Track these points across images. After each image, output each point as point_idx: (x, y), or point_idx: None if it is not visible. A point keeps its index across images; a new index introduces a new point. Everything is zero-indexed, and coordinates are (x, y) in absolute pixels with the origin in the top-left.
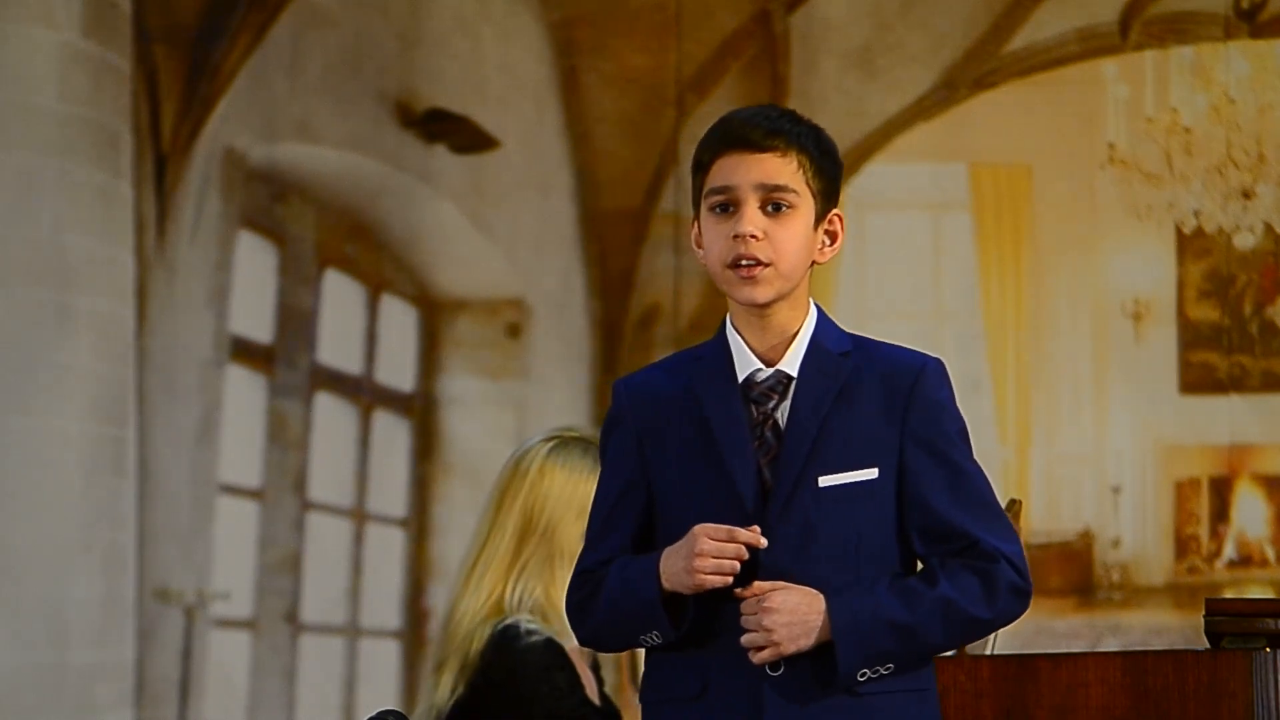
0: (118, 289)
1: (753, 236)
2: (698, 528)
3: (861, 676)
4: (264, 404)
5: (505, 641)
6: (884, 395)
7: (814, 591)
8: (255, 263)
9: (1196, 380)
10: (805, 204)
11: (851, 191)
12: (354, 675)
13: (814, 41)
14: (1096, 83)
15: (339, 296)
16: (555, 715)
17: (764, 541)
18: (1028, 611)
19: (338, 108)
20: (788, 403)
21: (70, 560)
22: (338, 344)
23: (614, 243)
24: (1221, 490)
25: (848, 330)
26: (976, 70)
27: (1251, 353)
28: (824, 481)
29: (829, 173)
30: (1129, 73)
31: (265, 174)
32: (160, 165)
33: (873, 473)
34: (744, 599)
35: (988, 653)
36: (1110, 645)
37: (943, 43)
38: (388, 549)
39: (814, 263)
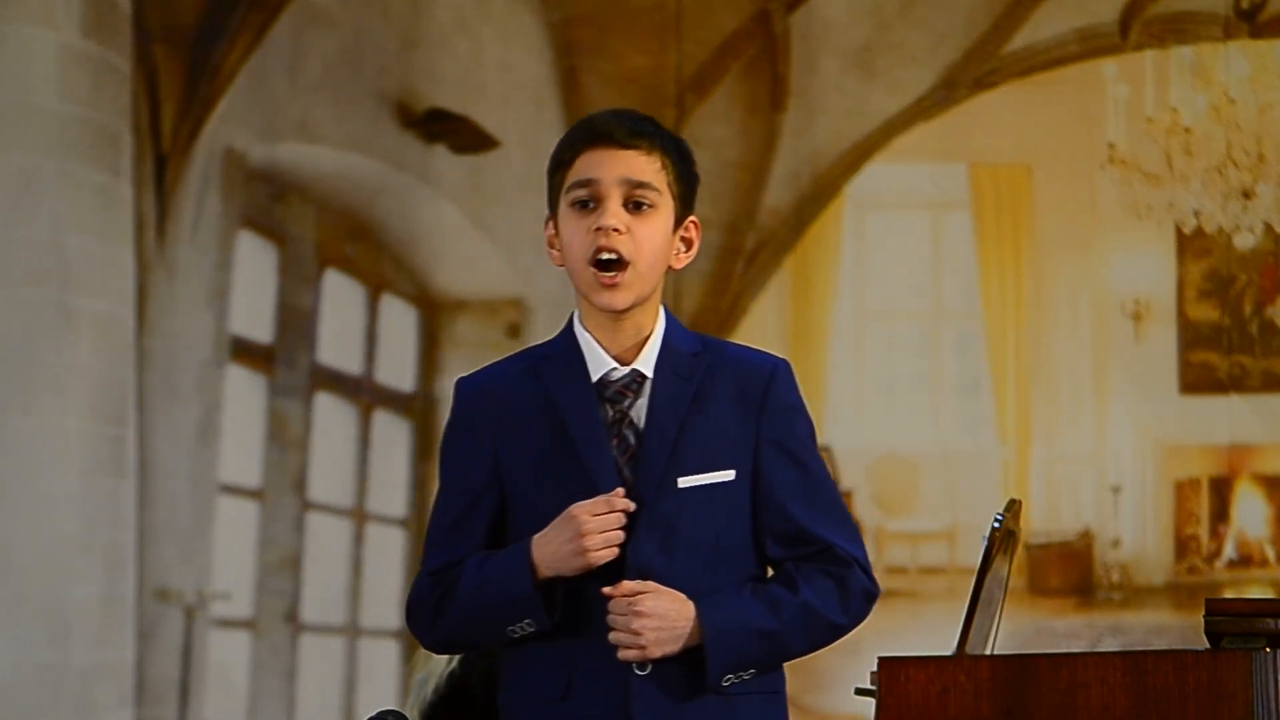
0: (118, 289)
1: (615, 230)
2: (573, 507)
3: (726, 681)
4: (264, 404)
5: None
6: (738, 397)
7: (683, 598)
8: (255, 263)
9: (1196, 380)
10: (666, 205)
11: (851, 191)
12: (354, 675)
13: (814, 41)
14: (1096, 83)
15: (339, 296)
16: None
17: (632, 505)
18: (1028, 611)
19: (338, 108)
20: (643, 401)
21: (70, 560)
22: (338, 344)
23: None
24: (1221, 490)
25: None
26: (976, 70)
27: (1251, 353)
28: (683, 483)
29: (688, 179)
30: (1129, 73)
31: (265, 174)
32: (160, 165)
33: (730, 474)
34: (612, 597)
35: (987, 653)
36: (1110, 645)
37: (943, 43)
38: (388, 549)
39: (670, 267)
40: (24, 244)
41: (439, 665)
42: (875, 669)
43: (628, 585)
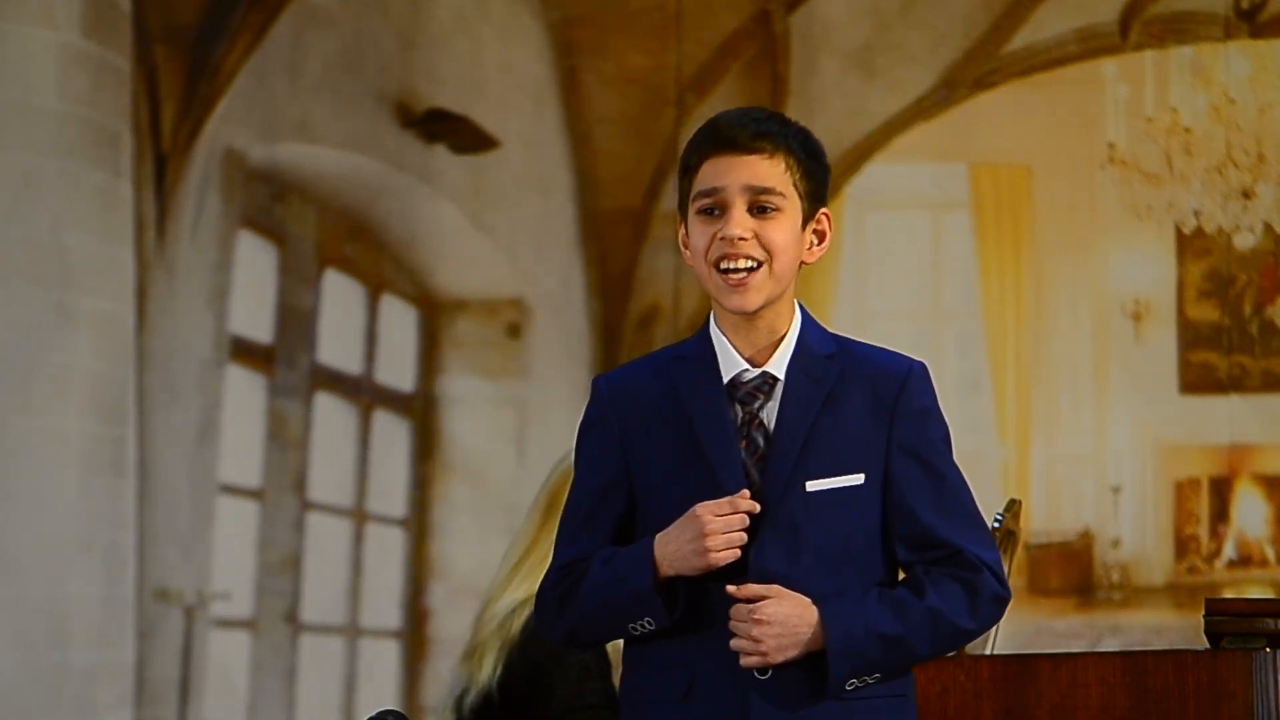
0: (118, 289)
1: (741, 239)
2: (697, 507)
3: (850, 686)
4: (264, 404)
5: None
6: (870, 400)
7: (806, 602)
8: (255, 263)
9: (1196, 380)
10: (792, 206)
11: (851, 191)
12: (354, 675)
13: (814, 41)
14: (1096, 83)
15: (339, 296)
16: (580, 696)
17: (757, 506)
18: (1028, 611)
19: (338, 108)
20: (773, 403)
21: (70, 560)
22: (338, 344)
23: (614, 243)
24: (1221, 490)
25: (834, 330)
26: (976, 70)
27: (1251, 353)
28: (811, 486)
29: (816, 175)
30: (1129, 73)
31: (265, 174)
32: (160, 165)
33: (859, 478)
34: (736, 599)
35: (988, 653)
36: (1110, 645)
37: (943, 43)
38: (388, 549)
39: (802, 263)
40: (24, 244)
41: (482, 675)
42: None
43: (750, 589)
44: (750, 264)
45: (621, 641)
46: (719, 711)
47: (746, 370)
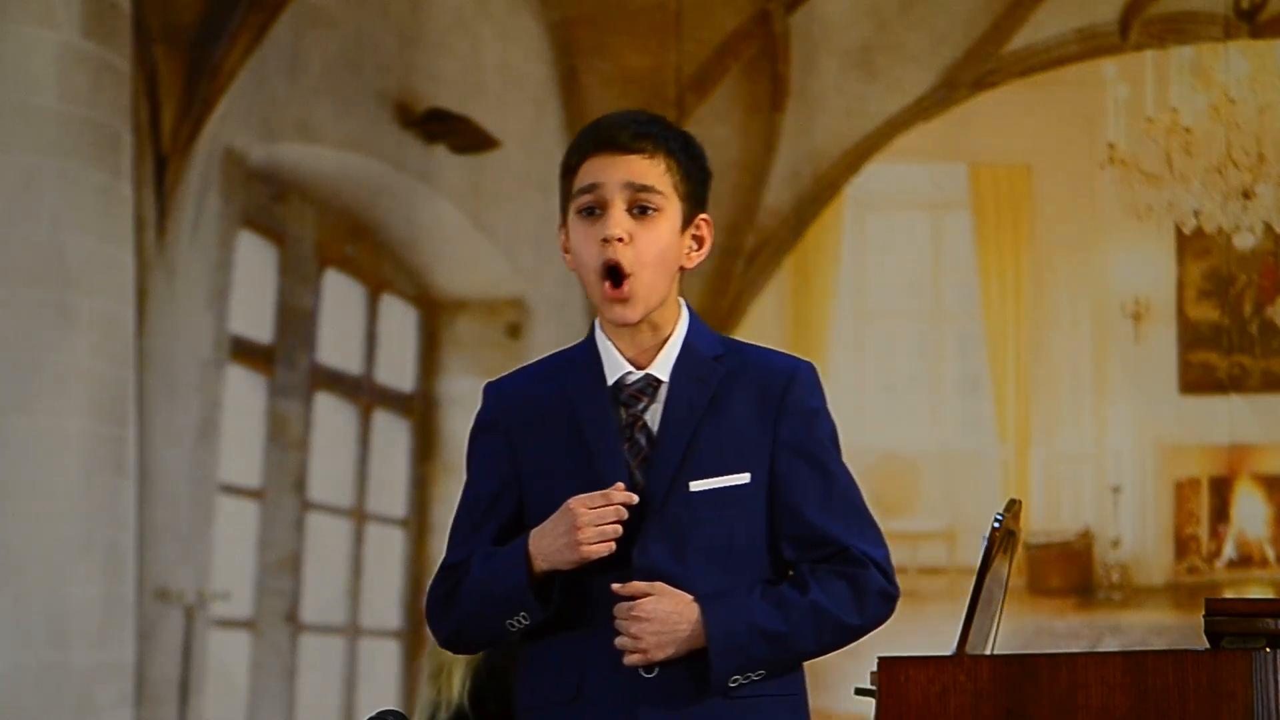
0: (118, 289)
1: (619, 240)
2: (570, 500)
3: (733, 683)
4: (264, 404)
5: None
6: (756, 401)
7: (687, 599)
8: (255, 263)
9: (1196, 380)
10: (672, 207)
11: (851, 191)
12: (354, 675)
13: (814, 41)
14: (1096, 83)
15: (339, 296)
16: None
17: (635, 498)
18: (1028, 611)
19: (338, 108)
20: (657, 405)
21: (70, 560)
22: (338, 344)
23: None
24: (1221, 490)
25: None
26: (976, 70)
27: (1251, 353)
28: (695, 486)
29: (696, 177)
30: (1129, 73)
31: (265, 174)
32: (160, 165)
33: (744, 478)
34: (620, 596)
35: (987, 653)
36: (1110, 645)
37: (943, 43)
38: (388, 549)
39: (681, 268)
40: (24, 244)
41: (453, 693)
42: (875, 669)
43: (634, 586)
44: (625, 272)
45: None
46: (607, 712)
47: (631, 373)
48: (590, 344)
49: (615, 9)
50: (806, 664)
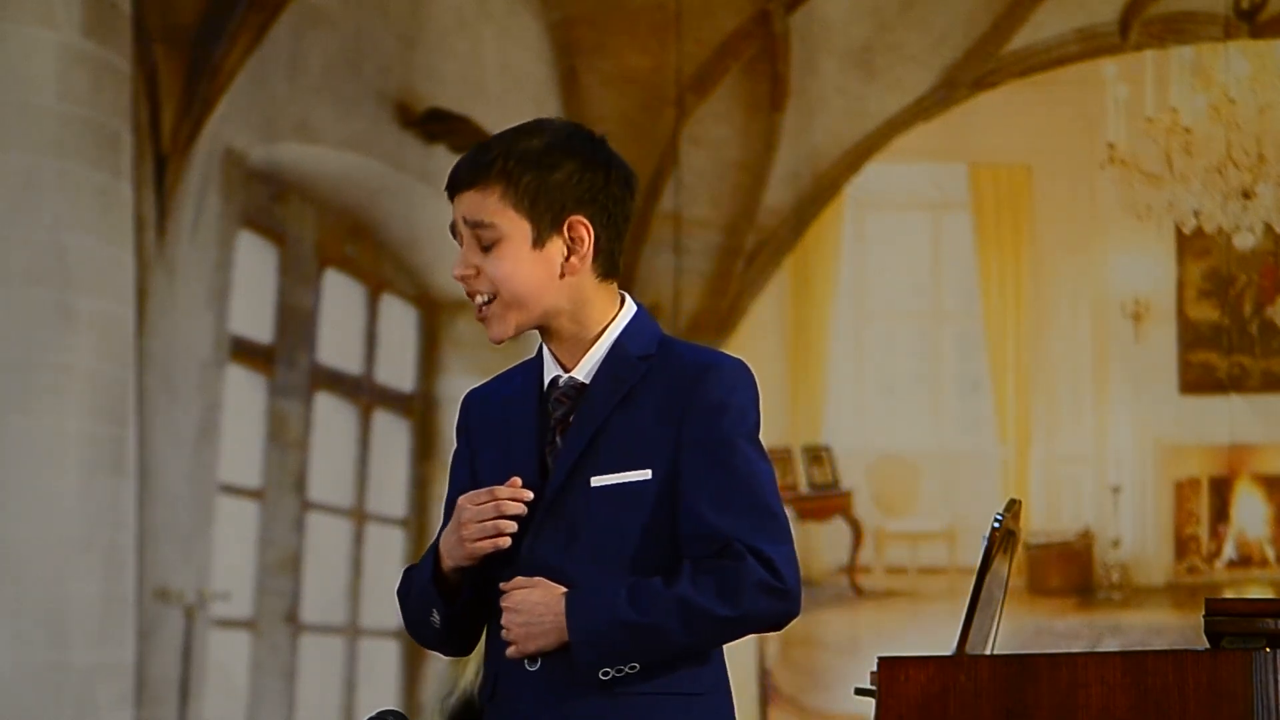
0: (118, 289)
1: (462, 275)
2: (460, 497)
3: (605, 675)
4: (264, 404)
5: None
6: (665, 398)
7: (558, 591)
8: (255, 263)
9: (1196, 380)
10: (516, 229)
11: (851, 191)
12: (354, 675)
13: (814, 41)
14: (1096, 83)
15: (339, 296)
16: None
17: (528, 494)
18: (1028, 611)
19: (338, 108)
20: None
21: (70, 560)
22: (338, 344)
23: None
24: (1221, 490)
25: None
26: (976, 70)
27: (1251, 353)
28: (596, 481)
29: (543, 188)
30: (1129, 73)
31: (265, 174)
32: (160, 165)
33: (646, 474)
34: (504, 592)
35: (987, 653)
36: (1110, 645)
37: (943, 43)
38: (388, 549)
39: (564, 275)
40: (24, 244)
41: (464, 680)
42: (875, 669)
43: (515, 581)
44: (483, 299)
45: None
46: (513, 707)
47: (559, 376)
48: (540, 350)
49: (615, 9)
50: (803, 664)
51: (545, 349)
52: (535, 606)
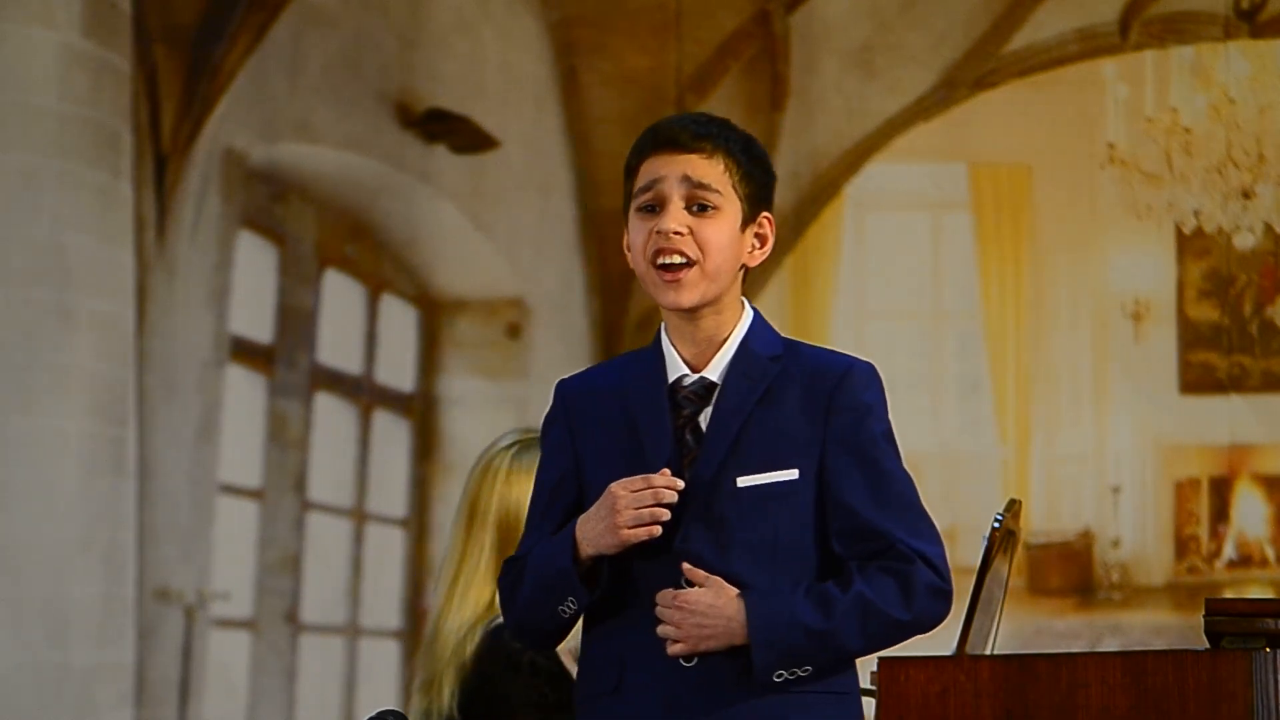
0: (118, 289)
1: (676, 233)
2: (612, 484)
3: (778, 678)
4: (264, 404)
5: (497, 640)
6: (806, 397)
7: (732, 593)
8: (255, 263)
9: (1196, 380)
10: (730, 206)
11: (851, 191)
12: (354, 675)
13: (814, 41)
14: (1096, 83)
15: (339, 296)
16: (533, 689)
17: (680, 483)
18: (1028, 611)
19: (338, 108)
20: (710, 408)
21: (70, 560)
22: (338, 344)
23: (614, 243)
24: (1221, 490)
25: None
26: (976, 70)
27: (1251, 353)
28: (742, 482)
29: (757, 178)
30: (1129, 73)
31: (265, 174)
32: (160, 165)
33: (793, 474)
34: (662, 585)
35: (987, 653)
36: (1110, 645)
37: (943, 43)
38: (388, 549)
39: (744, 267)
40: (24, 244)
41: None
42: (875, 669)
43: (697, 572)
44: (683, 260)
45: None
46: (648, 701)
47: (687, 375)
48: (656, 345)
49: (615, 9)
50: None
51: (668, 345)
52: (710, 607)
